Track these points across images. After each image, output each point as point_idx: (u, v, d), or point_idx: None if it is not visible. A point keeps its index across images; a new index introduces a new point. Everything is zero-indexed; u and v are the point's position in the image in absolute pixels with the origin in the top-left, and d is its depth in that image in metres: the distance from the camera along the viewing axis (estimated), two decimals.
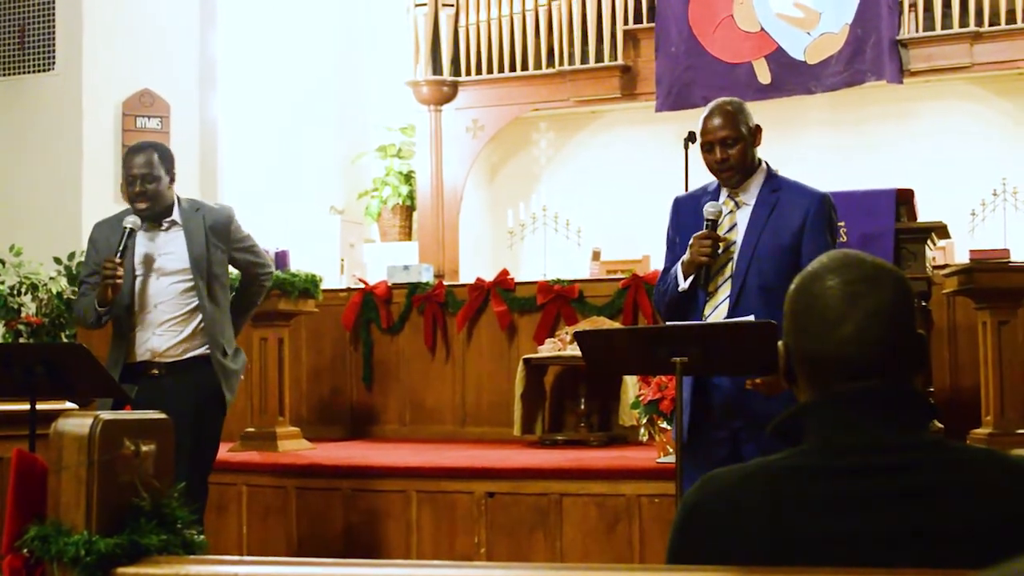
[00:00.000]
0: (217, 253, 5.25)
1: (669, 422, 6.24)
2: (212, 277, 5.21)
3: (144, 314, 5.12)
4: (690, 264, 4.21)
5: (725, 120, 4.27)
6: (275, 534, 6.87)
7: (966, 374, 7.34)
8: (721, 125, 4.26)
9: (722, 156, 4.25)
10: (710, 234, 4.20)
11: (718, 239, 4.20)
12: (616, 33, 11.56)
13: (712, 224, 4.21)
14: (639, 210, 11.80)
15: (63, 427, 2.10)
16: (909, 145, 11.53)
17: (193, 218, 5.22)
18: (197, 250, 5.17)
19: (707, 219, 4.22)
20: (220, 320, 5.24)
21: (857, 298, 1.81)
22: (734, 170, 4.26)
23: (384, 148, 12.89)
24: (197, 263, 5.15)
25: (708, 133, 4.29)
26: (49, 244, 9.05)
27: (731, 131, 4.25)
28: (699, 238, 4.19)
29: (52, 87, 10.46)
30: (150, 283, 5.14)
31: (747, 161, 4.27)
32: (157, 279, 5.14)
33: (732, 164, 4.25)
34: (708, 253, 4.17)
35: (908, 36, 10.55)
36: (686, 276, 4.23)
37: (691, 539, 1.83)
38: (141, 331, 5.12)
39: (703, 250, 4.17)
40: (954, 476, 1.74)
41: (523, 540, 6.30)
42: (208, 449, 5.23)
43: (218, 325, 5.22)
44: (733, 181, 4.28)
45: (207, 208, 5.36)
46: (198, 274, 5.14)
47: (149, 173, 5.11)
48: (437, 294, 8.74)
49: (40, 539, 2.07)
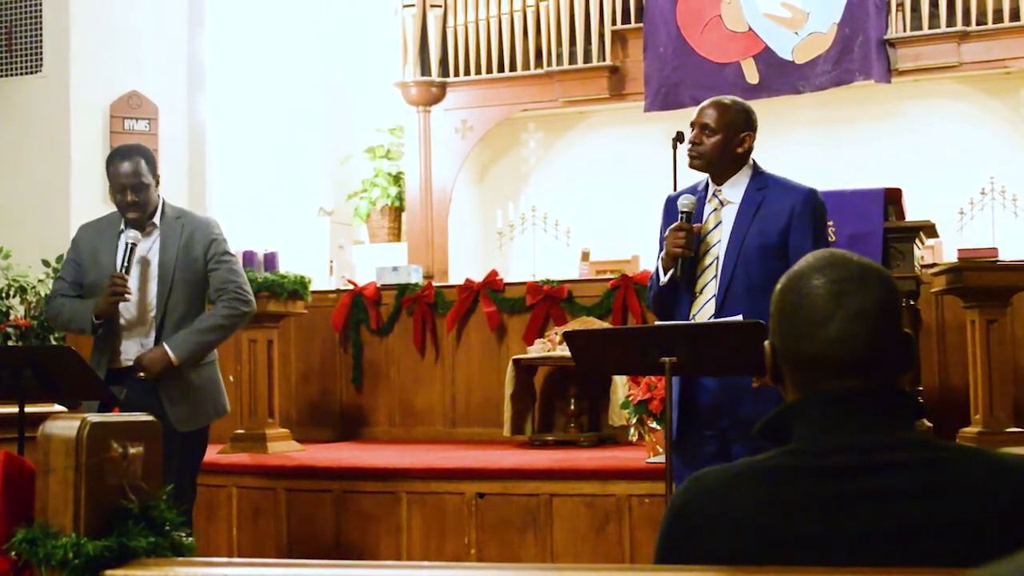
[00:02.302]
0: (193, 261, 5.11)
1: (659, 422, 6.25)
2: (179, 283, 5.07)
3: (132, 319, 5.09)
4: (666, 256, 4.24)
5: (715, 110, 4.32)
6: (265, 536, 6.86)
7: (955, 373, 7.36)
8: (709, 112, 4.32)
9: (695, 139, 4.32)
10: (683, 225, 4.22)
11: (691, 230, 4.22)
12: (604, 33, 11.57)
13: (687, 216, 4.24)
14: (628, 210, 11.82)
15: (51, 430, 2.09)
16: (897, 144, 11.55)
17: (172, 225, 5.13)
18: (166, 257, 5.07)
19: (681, 211, 4.25)
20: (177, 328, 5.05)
21: (843, 297, 1.81)
22: (701, 158, 4.31)
23: (373, 149, 12.88)
24: (163, 269, 5.06)
25: (696, 114, 4.36)
26: (37, 246, 9.03)
27: (714, 121, 4.29)
28: (673, 230, 4.23)
29: (39, 89, 10.44)
30: (137, 289, 5.09)
31: (717, 156, 4.30)
32: (143, 285, 5.08)
33: (701, 151, 4.30)
34: (682, 245, 4.19)
35: (896, 36, 10.57)
36: (665, 270, 4.25)
37: (679, 539, 1.83)
38: (128, 336, 5.08)
39: (677, 242, 4.20)
40: (943, 475, 1.74)
41: (514, 541, 6.30)
42: (196, 450, 5.20)
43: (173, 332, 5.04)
44: (696, 166, 4.34)
45: (190, 218, 5.24)
46: (163, 279, 5.06)
47: (139, 182, 5.01)
48: (426, 295, 8.74)
49: (28, 542, 2.06)
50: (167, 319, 5.06)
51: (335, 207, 12.80)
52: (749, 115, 4.37)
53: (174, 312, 5.07)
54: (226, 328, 5.19)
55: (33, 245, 9.10)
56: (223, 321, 5.15)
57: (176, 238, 5.11)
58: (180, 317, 5.08)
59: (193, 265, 5.13)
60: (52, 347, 5.97)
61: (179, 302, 5.09)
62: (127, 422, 2.12)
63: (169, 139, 10.72)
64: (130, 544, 2.03)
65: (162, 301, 5.05)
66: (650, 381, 6.40)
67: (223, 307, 5.16)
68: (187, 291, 5.12)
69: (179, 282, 5.09)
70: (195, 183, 11.00)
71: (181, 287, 5.09)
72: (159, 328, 5.05)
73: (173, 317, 5.07)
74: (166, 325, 5.05)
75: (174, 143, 10.78)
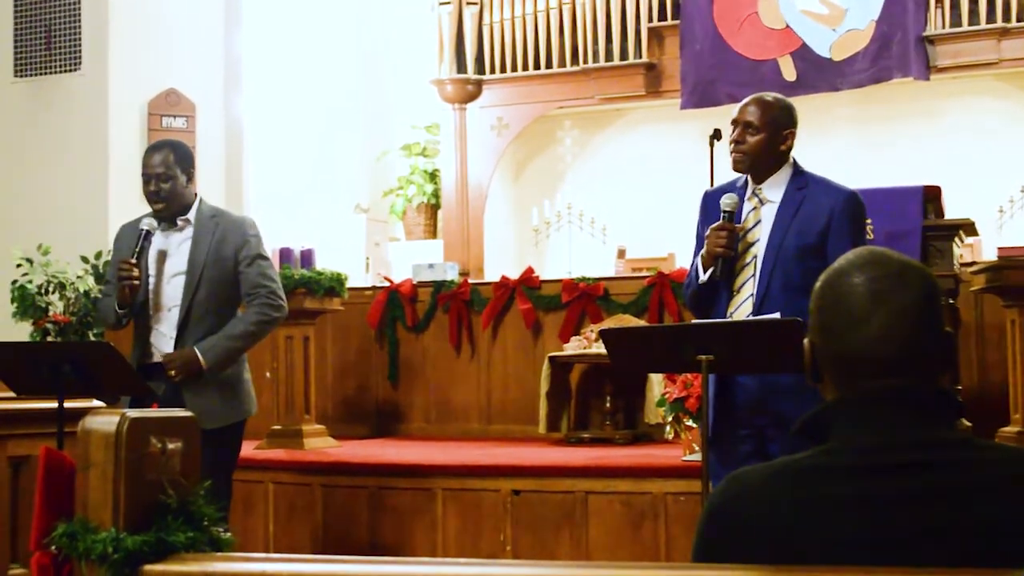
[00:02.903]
0: (219, 263, 5.09)
1: (695, 420, 6.23)
2: (207, 281, 5.05)
3: (159, 314, 5.08)
4: (707, 256, 4.21)
5: (757, 107, 4.27)
6: (301, 532, 6.88)
7: (994, 372, 7.30)
8: (751, 110, 4.27)
9: (738, 138, 4.26)
10: (725, 225, 4.19)
11: (733, 230, 4.19)
12: (641, 30, 11.55)
13: (728, 216, 4.20)
14: (664, 208, 11.78)
15: (90, 425, 2.11)
16: (936, 142, 11.47)
17: (207, 223, 5.12)
18: (196, 255, 5.06)
19: (723, 211, 4.21)
20: (201, 325, 5.04)
21: (883, 296, 1.80)
22: (744, 155, 4.26)
23: (409, 147, 12.90)
24: (192, 266, 5.05)
25: (738, 112, 4.31)
26: (76, 243, 9.09)
27: (757, 119, 4.24)
28: (715, 229, 4.20)
29: (78, 87, 10.50)
30: (163, 284, 5.08)
31: (761, 154, 4.25)
32: (169, 280, 5.08)
33: (744, 149, 4.25)
34: (724, 244, 4.16)
35: (935, 32, 10.49)
36: (705, 268, 4.22)
37: (717, 538, 1.83)
38: (157, 331, 5.10)
39: (719, 242, 4.17)
40: (982, 475, 1.73)
41: (549, 538, 6.29)
42: (227, 449, 5.19)
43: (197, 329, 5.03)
44: (741, 166, 4.29)
45: (226, 217, 5.21)
46: (190, 275, 5.05)
47: (164, 172, 5.01)
48: (462, 292, 8.75)
49: (68, 536, 2.08)
50: (191, 316, 5.05)
51: (371, 204, 12.82)
52: (791, 112, 4.33)
53: (199, 309, 5.05)
54: (256, 335, 5.18)
55: (72, 242, 9.16)
56: (253, 328, 5.14)
57: (208, 236, 5.10)
58: (204, 315, 5.06)
59: (223, 264, 5.11)
60: (91, 343, 6.01)
61: (205, 300, 5.07)
62: (166, 418, 2.14)
63: (206, 136, 10.77)
64: (169, 539, 2.04)
65: (188, 298, 5.04)
66: (686, 379, 6.38)
67: (254, 312, 5.14)
68: (215, 290, 5.09)
69: (207, 280, 5.07)
70: (232, 180, 11.05)
71: (208, 285, 5.07)
72: (182, 325, 5.04)
73: (197, 314, 5.05)
74: (190, 322, 5.04)
75: (211, 140, 10.83)
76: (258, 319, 5.14)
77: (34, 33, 10.63)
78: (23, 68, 10.69)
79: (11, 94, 10.73)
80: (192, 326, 5.05)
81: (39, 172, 10.49)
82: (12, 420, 5.00)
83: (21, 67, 10.70)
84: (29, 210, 10.37)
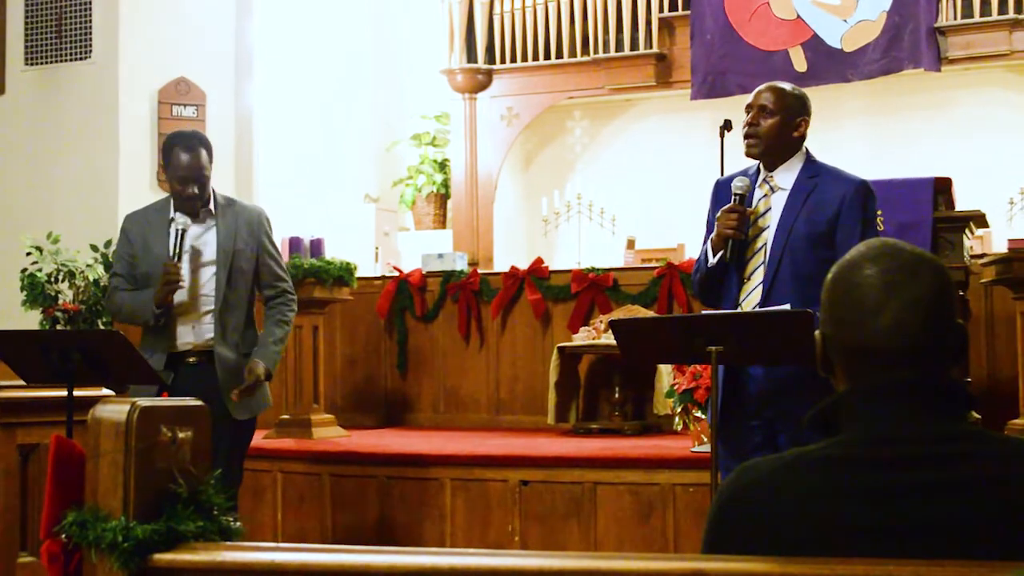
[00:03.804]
0: (246, 249, 5.16)
1: (704, 411, 6.22)
2: (236, 271, 5.11)
3: (194, 302, 5.09)
4: (717, 238, 4.20)
5: (772, 93, 4.27)
6: (309, 521, 6.89)
7: (1004, 364, 7.29)
8: (766, 95, 4.27)
9: (752, 120, 4.26)
10: (735, 207, 4.18)
11: (743, 212, 4.19)
12: (651, 21, 11.53)
13: (739, 198, 4.20)
14: (674, 199, 11.78)
15: (101, 413, 2.11)
16: (947, 133, 11.45)
17: (227, 212, 5.16)
18: (226, 242, 5.10)
19: (735, 193, 4.21)
20: (235, 315, 5.12)
21: (896, 288, 1.79)
22: (758, 139, 4.25)
23: (419, 136, 12.90)
24: (224, 255, 5.09)
25: (753, 97, 4.30)
26: (86, 232, 9.09)
27: (772, 104, 4.24)
28: (725, 212, 4.19)
29: (89, 75, 10.50)
30: (199, 275, 5.11)
31: (774, 139, 4.24)
32: (196, 270, 5.11)
33: (758, 133, 4.24)
34: (734, 226, 4.15)
35: (946, 23, 10.46)
36: (715, 251, 4.22)
37: (727, 529, 1.82)
38: (183, 321, 5.10)
39: (729, 223, 4.16)
40: (993, 467, 1.72)
41: (557, 528, 6.30)
42: (248, 437, 5.25)
43: (231, 319, 5.11)
44: (754, 150, 4.27)
45: (240, 206, 5.27)
46: (222, 266, 5.08)
47: (201, 175, 5.05)
48: (471, 282, 8.75)
49: (78, 525, 2.08)
50: (227, 305, 5.10)
51: (380, 194, 12.83)
52: (805, 100, 4.33)
53: (230, 299, 5.12)
54: (288, 334, 5.37)
55: (82, 230, 9.16)
56: (288, 329, 5.33)
57: (232, 227, 5.15)
58: (234, 304, 5.13)
59: (245, 254, 5.17)
60: (102, 331, 6.00)
61: (235, 290, 5.13)
62: (176, 407, 2.13)
63: (217, 125, 10.77)
64: (179, 528, 2.04)
65: (221, 288, 5.09)
66: (695, 370, 6.38)
67: (283, 314, 5.29)
68: (241, 279, 5.16)
69: (236, 270, 5.13)
70: (242, 169, 11.05)
71: (238, 276, 5.14)
72: (220, 314, 5.08)
73: (230, 304, 5.11)
74: (226, 310, 5.10)
75: (221, 129, 10.83)
76: (288, 319, 5.32)
77: (45, 21, 10.64)
78: (34, 56, 10.70)
79: (22, 82, 10.74)
80: (228, 314, 5.11)
81: (49, 160, 10.50)
82: (21, 408, 5.02)
83: (32, 55, 10.71)
84: (39, 198, 10.39)
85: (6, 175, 10.63)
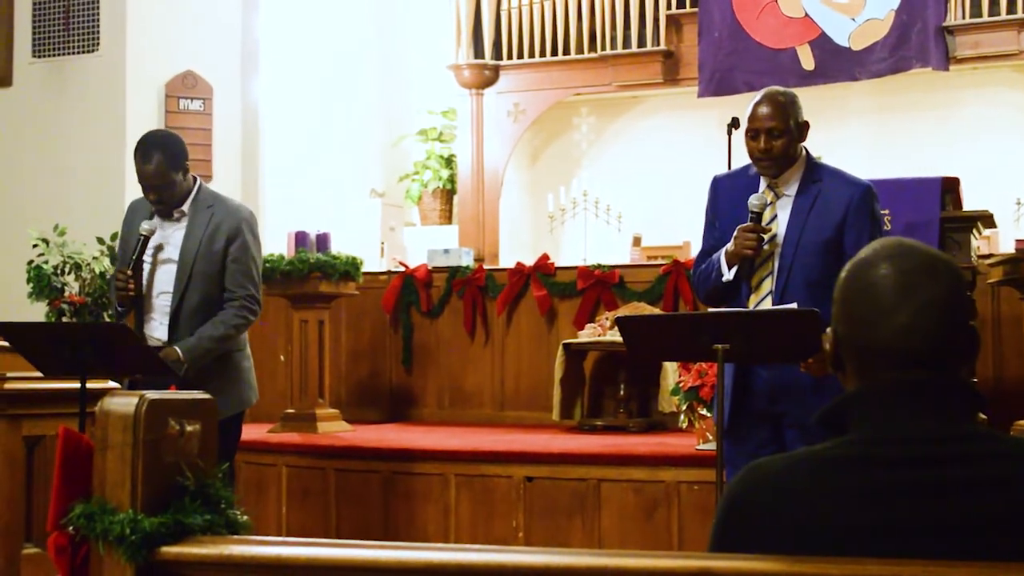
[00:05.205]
0: (210, 256, 5.06)
1: (709, 409, 6.22)
2: (197, 274, 5.04)
3: (151, 300, 5.08)
4: (734, 255, 4.16)
5: (775, 110, 4.20)
6: (314, 515, 6.90)
7: (1010, 364, 7.28)
8: (770, 115, 4.19)
9: (765, 146, 4.18)
10: (755, 227, 4.13)
11: (762, 231, 4.15)
12: (659, 17, 11.51)
13: (756, 217, 4.15)
14: (680, 196, 11.74)
15: (109, 406, 2.11)
16: (954, 133, 11.43)
17: (202, 214, 5.08)
18: (188, 247, 5.05)
19: (752, 211, 4.16)
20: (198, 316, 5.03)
21: (911, 288, 1.79)
22: (774, 161, 4.21)
23: (425, 131, 12.89)
24: (183, 255, 5.04)
25: (755, 120, 4.22)
26: (92, 224, 9.09)
27: (779, 123, 4.18)
28: (743, 230, 4.13)
29: (96, 68, 10.50)
30: (157, 272, 5.07)
31: (788, 155, 4.22)
32: (161, 268, 5.08)
33: (774, 155, 4.19)
34: (752, 247, 4.12)
35: (955, 23, 10.44)
36: (730, 267, 4.19)
37: (735, 528, 1.82)
38: (148, 319, 5.09)
39: (747, 243, 4.11)
40: (1003, 468, 1.72)
41: (561, 525, 6.30)
42: (223, 438, 5.16)
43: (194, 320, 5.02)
44: (770, 172, 4.24)
45: (222, 207, 5.15)
46: (182, 268, 5.03)
47: (160, 182, 4.99)
48: (477, 278, 8.75)
49: (86, 517, 2.08)
50: (182, 308, 5.04)
51: (387, 189, 12.82)
52: (797, 102, 4.29)
53: (190, 301, 5.04)
54: (234, 337, 5.16)
55: (88, 223, 9.16)
56: (232, 331, 5.11)
57: (202, 229, 5.07)
58: (195, 307, 5.05)
59: (213, 258, 5.08)
60: (112, 324, 6.00)
61: (195, 292, 5.05)
62: (184, 400, 2.14)
63: (223, 119, 10.77)
64: (186, 521, 2.04)
65: (179, 291, 5.03)
66: (701, 368, 6.38)
67: (234, 316, 5.10)
68: (204, 283, 5.07)
69: (197, 274, 5.05)
70: (248, 163, 11.05)
71: (199, 279, 5.06)
72: (173, 316, 5.04)
73: (189, 306, 5.04)
74: (181, 314, 5.04)
75: (228, 123, 10.83)
76: (237, 322, 5.12)
77: (52, 14, 10.64)
78: (41, 49, 10.70)
79: (29, 75, 10.74)
80: (185, 317, 5.04)
81: (56, 153, 10.51)
82: (27, 400, 5.03)
83: (39, 48, 10.71)
84: (46, 191, 10.39)
85: (13, 167, 10.63)
